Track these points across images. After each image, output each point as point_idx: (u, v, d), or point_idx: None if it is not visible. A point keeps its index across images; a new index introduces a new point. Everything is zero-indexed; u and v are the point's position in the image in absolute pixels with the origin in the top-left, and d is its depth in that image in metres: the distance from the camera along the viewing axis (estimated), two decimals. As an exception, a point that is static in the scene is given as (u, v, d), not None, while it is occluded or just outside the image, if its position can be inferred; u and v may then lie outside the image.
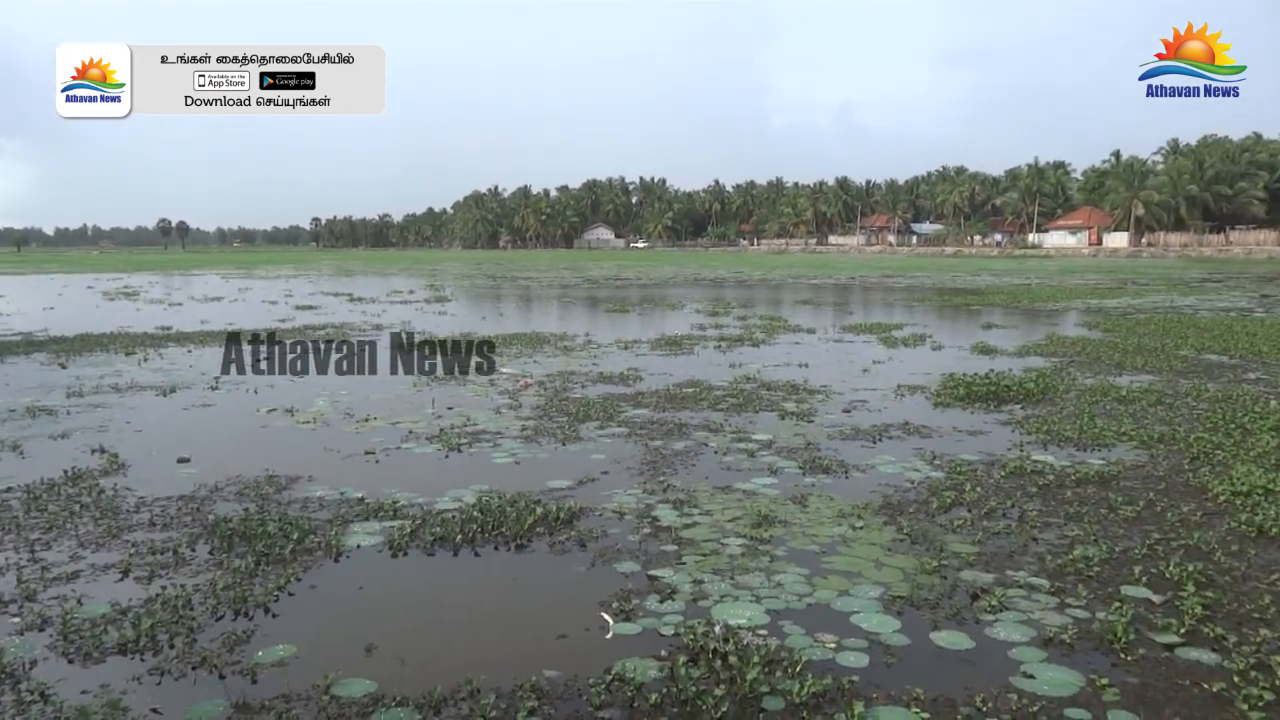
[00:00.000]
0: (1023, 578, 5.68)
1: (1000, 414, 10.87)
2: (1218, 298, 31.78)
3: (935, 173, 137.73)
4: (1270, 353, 15.90)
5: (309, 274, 60.22)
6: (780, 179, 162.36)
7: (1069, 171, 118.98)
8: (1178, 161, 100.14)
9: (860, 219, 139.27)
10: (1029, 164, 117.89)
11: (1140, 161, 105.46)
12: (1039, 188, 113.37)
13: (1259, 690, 4.22)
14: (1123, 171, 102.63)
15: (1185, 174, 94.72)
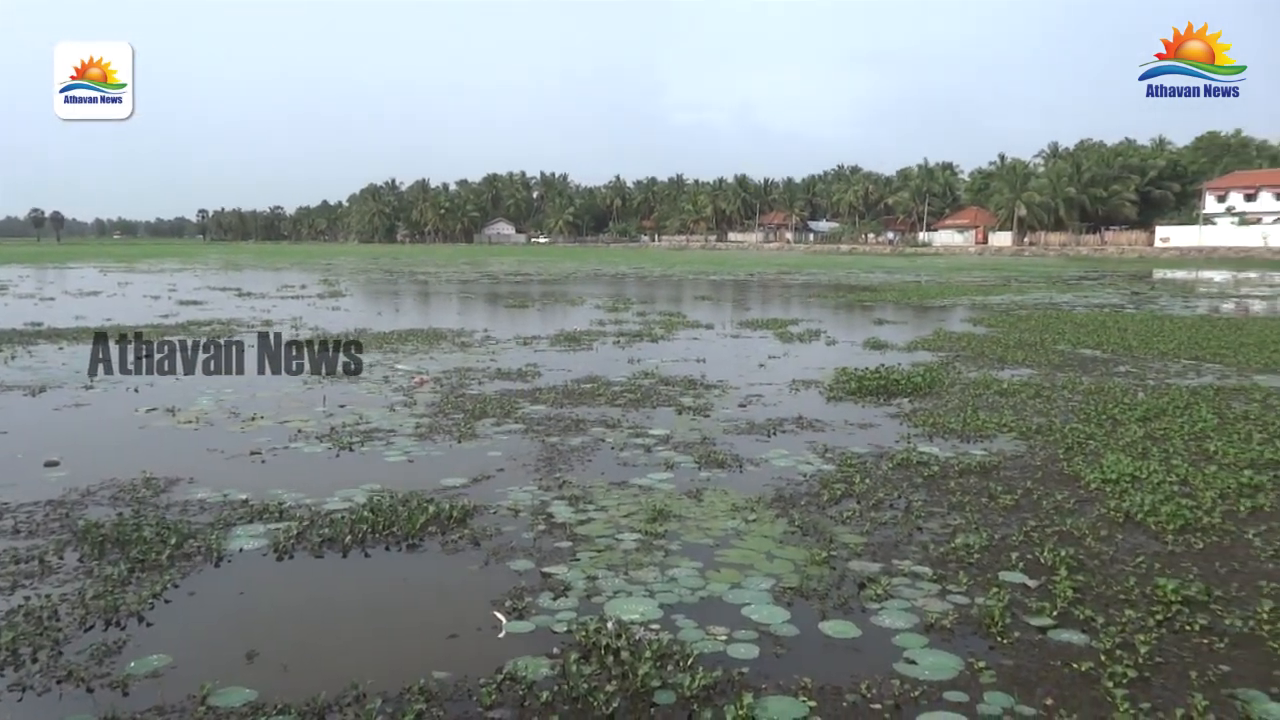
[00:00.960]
0: (907, 566, 5.85)
1: (890, 407, 11.17)
2: (1093, 294, 33.39)
3: (831, 172, 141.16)
4: (1139, 347, 16.78)
5: (195, 268, 57.93)
6: (681, 176, 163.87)
7: (957, 173, 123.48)
8: (1057, 165, 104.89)
9: (759, 216, 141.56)
10: (919, 165, 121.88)
11: (1023, 164, 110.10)
12: (929, 188, 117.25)
13: (1123, 668, 4.44)
14: (1006, 173, 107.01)
15: (1064, 177, 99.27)
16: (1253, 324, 21.77)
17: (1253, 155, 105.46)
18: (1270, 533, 6.43)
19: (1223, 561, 5.93)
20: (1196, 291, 36.61)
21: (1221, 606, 5.22)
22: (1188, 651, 4.69)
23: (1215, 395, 11.65)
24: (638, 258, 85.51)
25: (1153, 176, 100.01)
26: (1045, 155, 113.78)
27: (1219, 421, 9.96)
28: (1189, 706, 4.11)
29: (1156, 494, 7.23)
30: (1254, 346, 16.58)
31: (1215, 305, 28.95)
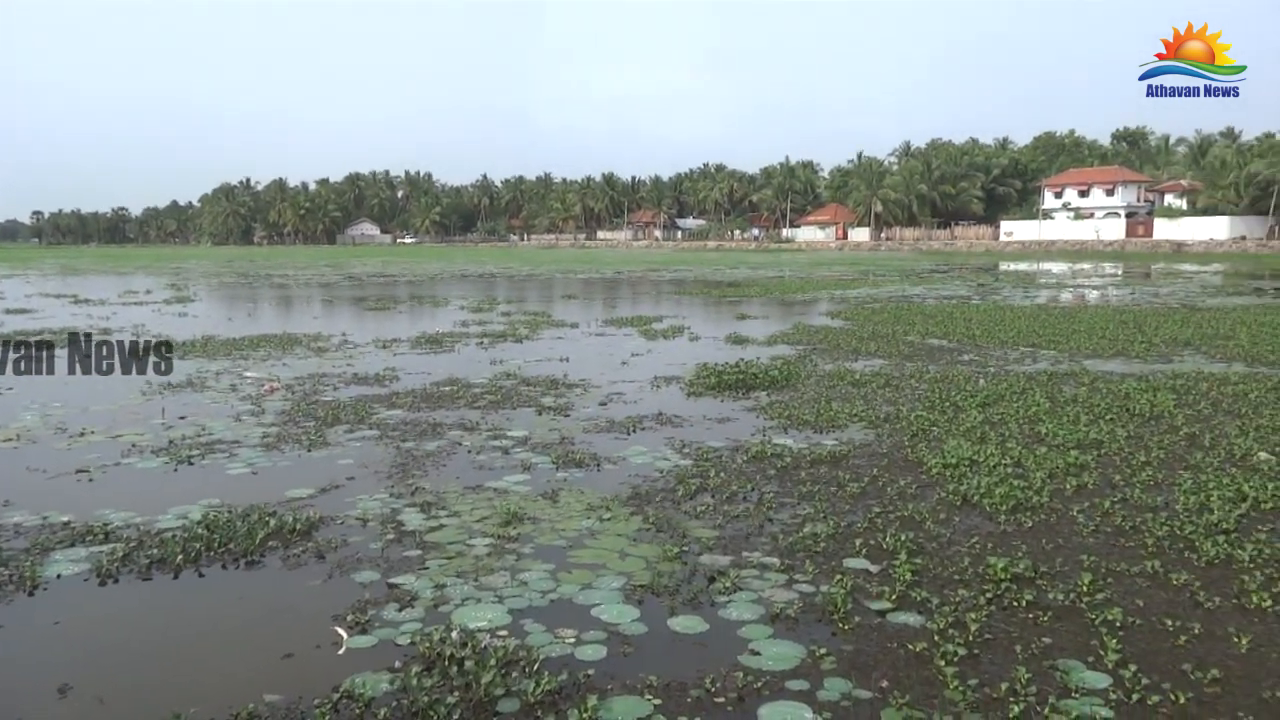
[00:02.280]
0: (757, 558, 5.94)
1: (748, 401, 11.37)
2: (942, 287, 34.96)
3: (698, 170, 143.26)
4: (982, 336, 17.63)
5: (27, 273, 54.16)
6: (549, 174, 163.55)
7: (817, 171, 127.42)
8: (910, 163, 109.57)
9: (628, 215, 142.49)
10: (781, 163, 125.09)
11: (878, 162, 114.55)
12: (791, 185, 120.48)
13: (954, 646, 4.61)
14: (863, 171, 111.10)
15: (916, 174, 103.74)
16: (1084, 312, 23.21)
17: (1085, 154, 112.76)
18: (1092, 509, 6.83)
19: (1049, 539, 6.26)
20: (1036, 282, 38.79)
21: (1046, 581, 5.50)
22: (1014, 626, 4.92)
23: (1048, 380, 12.33)
24: (506, 257, 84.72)
25: (997, 174, 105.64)
26: (899, 154, 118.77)
27: (1050, 405, 10.54)
28: (1013, 680, 4.30)
29: (992, 476, 7.58)
30: (1084, 333, 17.66)
31: (1052, 295, 30.73)
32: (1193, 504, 6.84)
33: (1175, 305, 24.93)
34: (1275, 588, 5.33)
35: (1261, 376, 12.41)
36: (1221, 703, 4.14)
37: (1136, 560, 5.81)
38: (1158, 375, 12.61)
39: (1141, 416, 9.94)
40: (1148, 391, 11.21)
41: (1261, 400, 10.75)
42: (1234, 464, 8.02)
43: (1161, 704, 4.11)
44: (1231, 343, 16.08)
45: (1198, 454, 8.35)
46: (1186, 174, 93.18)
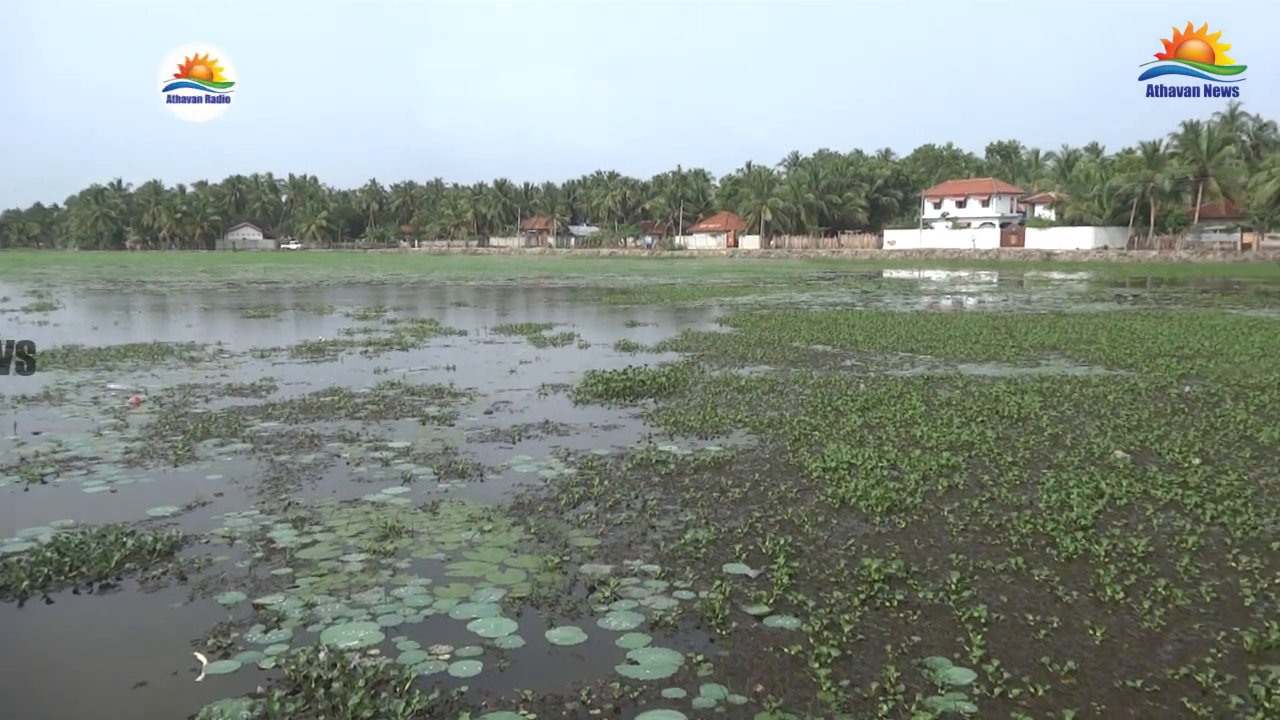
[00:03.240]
0: (638, 566, 5.92)
1: (635, 408, 11.38)
2: (828, 294, 35.84)
3: (590, 177, 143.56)
4: (864, 341, 18.12)
5: None
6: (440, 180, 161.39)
7: (709, 179, 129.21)
8: (798, 173, 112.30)
9: (521, 221, 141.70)
10: (674, 171, 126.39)
11: (768, 171, 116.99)
12: (683, 193, 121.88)
13: (828, 648, 4.68)
14: (753, 180, 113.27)
15: (804, 184, 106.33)
16: (960, 318, 24.12)
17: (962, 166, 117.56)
18: (962, 509, 7.06)
19: (921, 539, 6.44)
20: (917, 289, 40.17)
21: (917, 581, 5.64)
22: (886, 626, 5.03)
23: (925, 384, 12.74)
24: (395, 263, 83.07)
25: (880, 185, 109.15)
26: (788, 164, 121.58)
27: (926, 408, 10.89)
28: (883, 679, 4.39)
29: (869, 479, 7.77)
30: (960, 339, 18.34)
31: (932, 302, 31.87)
32: (1054, 502, 7.14)
33: (1044, 311, 26.14)
34: (1128, 581, 5.60)
35: (1119, 379, 13.10)
36: (1077, 693, 4.31)
37: (1002, 557, 6.03)
38: (1026, 379, 13.17)
39: (1010, 418, 10.35)
40: (1016, 394, 11.69)
41: (1119, 401, 11.34)
42: (1093, 463, 8.42)
43: (1021, 697, 4.26)
44: (1093, 347, 16.93)
45: (1060, 453, 8.74)
46: (1055, 186, 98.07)
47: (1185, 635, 4.90)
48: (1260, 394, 11.71)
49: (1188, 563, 5.87)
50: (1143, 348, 16.57)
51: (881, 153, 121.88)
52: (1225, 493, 7.36)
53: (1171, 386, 12.41)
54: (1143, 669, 4.52)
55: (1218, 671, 4.45)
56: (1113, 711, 4.14)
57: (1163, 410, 10.77)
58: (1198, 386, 12.38)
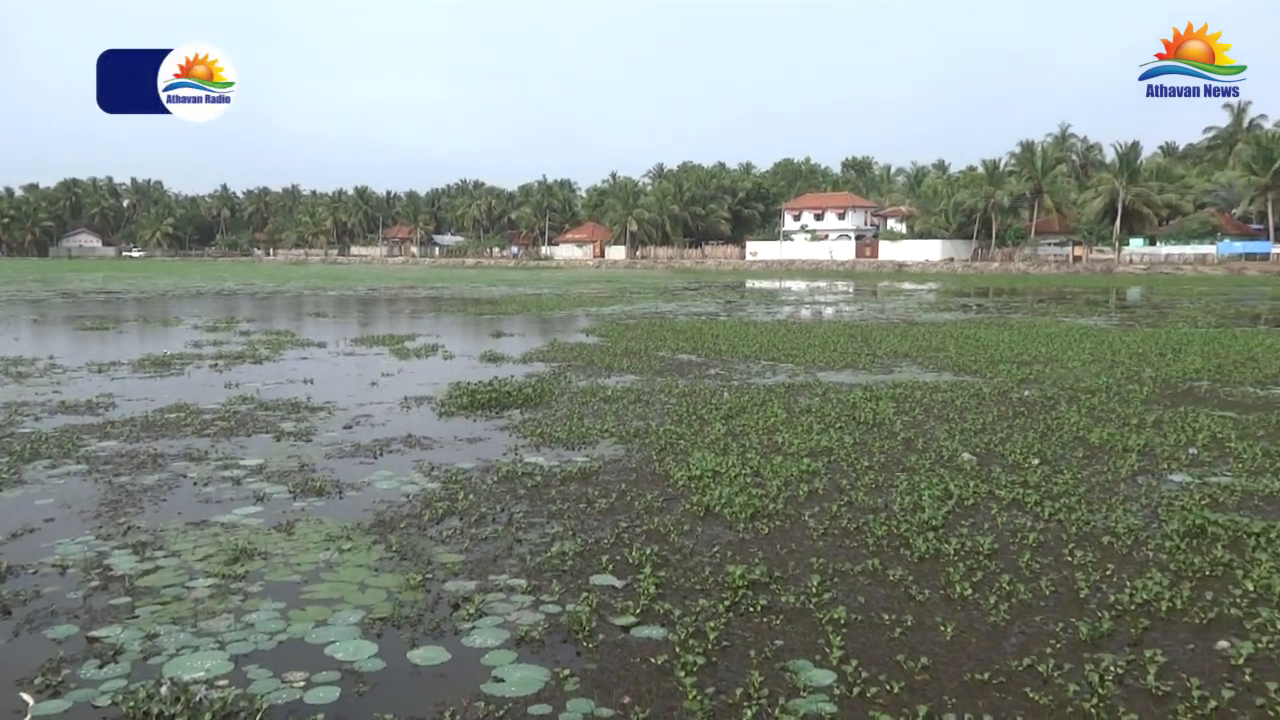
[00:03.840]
0: (504, 580, 5.83)
1: (500, 420, 11.24)
2: (693, 304, 36.42)
3: (455, 186, 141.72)
4: (728, 351, 18.48)
5: None
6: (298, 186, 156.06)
7: (575, 189, 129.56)
8: (662, 184, 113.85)
9: (383, 230, 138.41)
10: (539, 181, 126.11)
11: (633, 182, 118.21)
12: (549, 203, 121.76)
13: (694, 656, 4.72)
14: (619, 191, 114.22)
15: (669, 195, 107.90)
16: (819, 327, 24.92)
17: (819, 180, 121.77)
18: (822, 513, 7.26)
19: (783, 544, 6.58)
20: (778, 299, 41.29)
21: (780, 586, 5.76)
22: (750, 632, 5.11)
23: (786, 392, 13.08)
24: (249, 273, 79.72)
25: (742, 197, 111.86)
26: (653, 175, 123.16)
27: (787, 415, 11.17)
28: (748, 684, 4.45)
29: (733, 486, 7.89)
30: (819, 347, 18.93)
31: (792, 311, 32.80)
32: (908, 504, 7.43)
33: (897, 320, 27.28)
34: (975, 578, 5.87)
35: (965, 385, 13.78)
36: (930, 688, 4.48)
37: (859, 559, 6.22)
38: (880, 385, 13.69)
39: (866, 424, 10.72)
40: (872, 401, 12.13)
41: (965, 406, 11.92)
42: (942, 465, 8.81)
43: (879, 695, 4.39)
44: (942, 354, 17.77)
45: (913, 457, 9.11)
46: (906, 201, 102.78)
47: (1027, 628, 5.17)
48: (1091, 397, 12.53)
49: (1029, 558, 6.20)
50: (986, 355, 17.49)
51: (743, 166, 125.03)
52: (1061, 491, 7.82)
53: (1013, 391, 13.13)
54: (989, 662, 4.74)
55: (1057, 661, 4.71)
56: (962, 704, 4.31)
57: (1005, 414, 11.38)
58: (1036, 391, 13.14)
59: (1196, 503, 7.40)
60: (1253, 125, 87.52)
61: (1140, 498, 7.68)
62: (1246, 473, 8.44)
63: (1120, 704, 4.28)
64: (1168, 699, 4.34)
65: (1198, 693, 4.34)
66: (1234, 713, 4.23)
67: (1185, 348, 18.47)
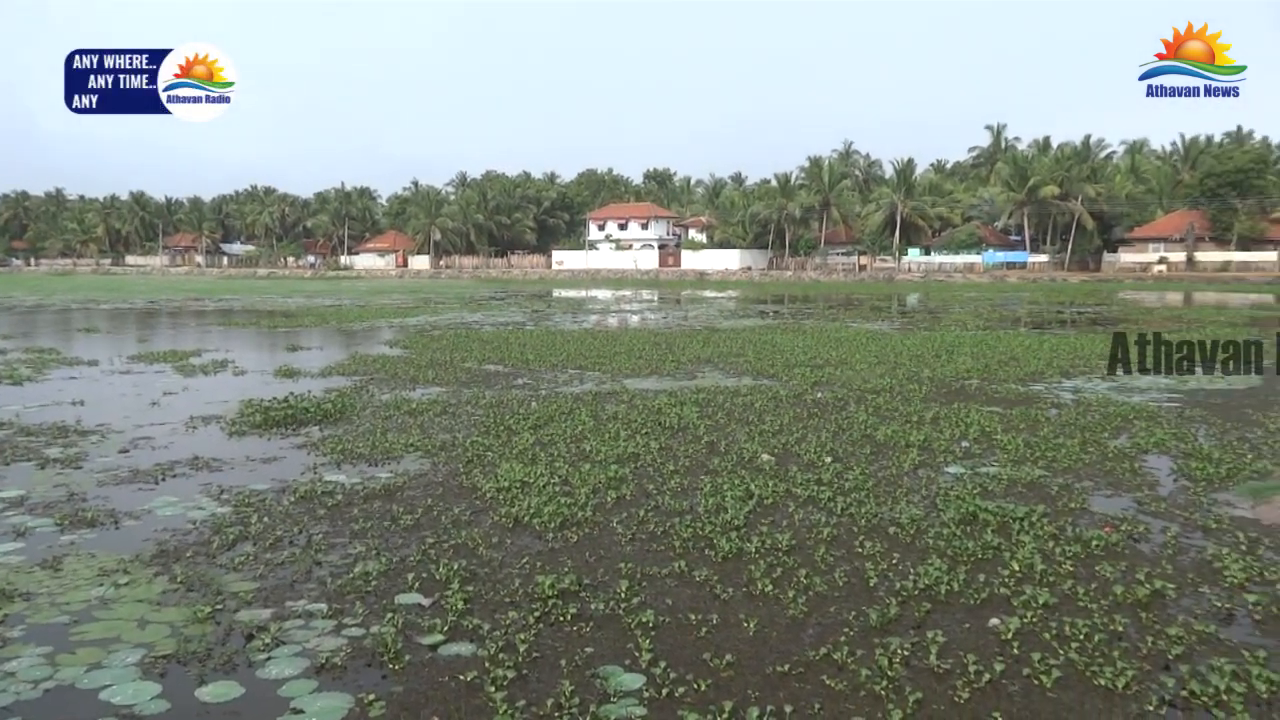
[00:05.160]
0: (302, 606, 5.56)
1: (298, 437, 10.73)
2: (500, 314, 36.12)
3: (244, 192, 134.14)
4: (535, 360, 18.44)
5: None
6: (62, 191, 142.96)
7: (375, 197, 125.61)
8: (466, 193, 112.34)
9: (163, 238, 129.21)
10: (337, 188, 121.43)
11: (436, 191, 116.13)
12: (348, 211, 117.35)
13: (504, 670, 4.66)
14: (422, 199, 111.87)
15: (473, 204, 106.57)
16: (624, 335, 25.30)
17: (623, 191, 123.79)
18: (630, 518, 7.36)
19: (592, 551, 6.63)
20: (585, 308, 41.61)
21: (589, 593, 5.79)
22: (560, 641, 5.11)
23: (593, 400, 13.19)
24: (7, 285, 72.34)
25: (547, 206, 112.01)
26: (456, 184, 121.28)
27: (595, 423, 11.26)
28: (558, 694, 4.44)
29: (542, 496, 7.87)
30: (625, 355, 19.21)
31: (599, 320, 33.14)
32: (712, 505, 7.66)
33: (699, 327, 28.10)
34: (775, 574, 6.12)
35: (764, 388, 14.36)
36: (735, 684, 4.62)
37: (666, 562, 6.35)
38: (684, 391, 14.06)
39: (671, 429, 10.98)
40: (676, 406, 12.43)
41: (764, 408, 12.43)
42: (744, 466, 9.14)
43: (687, 694, 4.50)
44: (742, 359, 18.45)
45: (716, 460, 9.40)
46: (705, 212, 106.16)
47: (824, 618, 5.44)
48: (876, 397, 13.36)
49: (824, 552, 6.53)
50: (783, 359, 18.30)
51: (548, 175, 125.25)
52: (852, 486, 8.28)
53: (807, 393, 13.81)
54: (789, 654, 4.95)
55: (850, 648, 4.98)
56: (765, 696, 4.48)
57: (800, 415, 11.94)
58: (828, 393, 13.88)
59: (969, 492, 8.03)
60: (1009, 146, 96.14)
61: (921, 489, 8.25)
62: (1011, 462, 9.24)
63: (907, 684, 4.58)
64: (948, 676, 4.68)
65: (974, 667, 4.71)
66: (1005, 684, 4.61)
67: (957, 350, 20.03)
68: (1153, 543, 6.80)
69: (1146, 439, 10.31)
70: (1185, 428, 11.03)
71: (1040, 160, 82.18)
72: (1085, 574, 6.10)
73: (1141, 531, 7.02)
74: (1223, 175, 71.40)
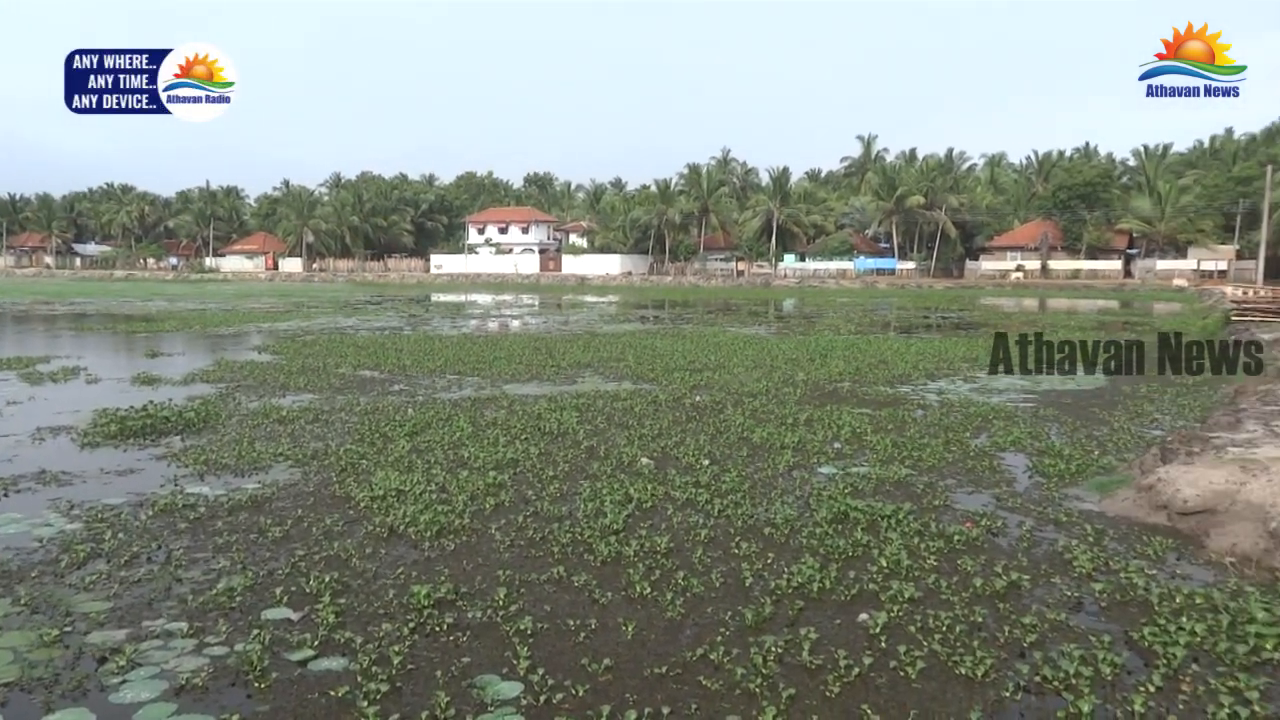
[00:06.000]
0: (161, 625, 5.30)
1: (158, 448, 10.22)
2: (376, 318, 35.26)
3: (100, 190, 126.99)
4: (412, 365, 18.07)
5: None
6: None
7: (243, 197, 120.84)
8: (341, 194, 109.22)
9: (8, 238, 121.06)
10: (201, 187, 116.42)
11: (309, 191, 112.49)
12: (214, 212, 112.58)
13: (377, 684, 4.55)
14: (293, 200, 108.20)
15: (348, 206, 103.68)
16: (505, 340, 25.09)
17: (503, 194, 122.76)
18: (508, 525, 7.29)
19: (470, 559, 6.53)
20: (464, 313, 41.04)
21: (466, 602, 5.71)
22: (436, 651, 5.02)
23: (472, 406, 13.02)
24: None
25: (425, 209, 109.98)
26: (330, 185, 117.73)
27: (473, 429, 11.12)
28: (434, 706, 4.36)
29: (418, 504, 7.72)
30: (504, 360, 19.04)
31: (479, 325, 32.74)
32: (591, 510, 7.66)
33: (580, 332, 28.09)
34: (654, 576, 6.16)
35: (643, 392, 14.47)
36: (613, 688, 4.63)
37: (545, 568, 6.32)
38: (565, 396, 14.03)
39: (551, 434, 10.93)
40: (556, 411, 12.39)
41: (644, 413, 12.51)
42: (623, 471, 9.18)
43: (565, 700, 4.48)
44: (622, 364, 18.53)
45: (595, 464, 9.41)
46: (586, 216, 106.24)
47: (701, 619, 5.51)
48: (753, 400, 13.63)
49: (701, 554, 6.62)
50: (662, 363, 18.48)
51: (426, 178, 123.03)
52: (729, 488, 8.42)
53: (686, 397, 13.97)
54: (667, 655, 4.99)
55: (726, 648, 5.06)
56: (643, 699, 4.51)
57: (679, 419, 12.08)
58: (706, 396, 14.07)
59: (841, 492, 8.27)
60: (878, 157, 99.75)
61: (795, 490, 8.46)
62: (880, 462, 9.57)
63: (781, 680, 4.68)
64: (820, 671, 4.80)
65: (844, 662, 4.85)
66: (873, 676, 4.77)
67: (831, 353, 20.63)
68: (1010, 537, 7.15)
69: (1004, 438, 10.85)
70: (1039, 427, 11.65)
71: (907, 171, 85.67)
72: (948, 568, 6.36)
73: (1000, 526, 7.37)
74: (1073, 188, 75.81)
